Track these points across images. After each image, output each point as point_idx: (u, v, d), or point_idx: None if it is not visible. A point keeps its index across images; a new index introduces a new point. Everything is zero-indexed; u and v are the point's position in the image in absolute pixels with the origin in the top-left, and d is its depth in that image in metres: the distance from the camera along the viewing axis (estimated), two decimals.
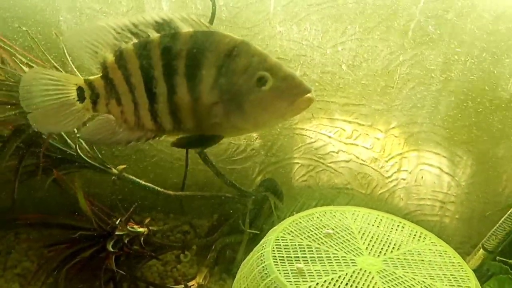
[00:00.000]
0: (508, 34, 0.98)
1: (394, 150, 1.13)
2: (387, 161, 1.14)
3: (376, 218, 0.83)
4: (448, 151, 1.09)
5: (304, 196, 1.18)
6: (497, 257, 0.84)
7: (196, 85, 0.56)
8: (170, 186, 1.04)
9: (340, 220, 0.82)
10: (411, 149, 1.12)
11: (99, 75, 0.59)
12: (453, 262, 0.74)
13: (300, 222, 0.81)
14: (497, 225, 0.85)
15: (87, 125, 0.62)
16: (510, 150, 1.04)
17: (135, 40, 0.57)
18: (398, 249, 0.77)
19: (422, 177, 1.12)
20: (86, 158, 0.78)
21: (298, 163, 1.19)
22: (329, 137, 1.15)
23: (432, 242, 0.78)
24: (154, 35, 0.56)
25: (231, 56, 0.56)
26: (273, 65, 0.57)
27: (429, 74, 1.01)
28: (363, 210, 0.84)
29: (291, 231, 0.78)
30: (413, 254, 0.76)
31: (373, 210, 0.84)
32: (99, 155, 0.82)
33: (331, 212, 0.84)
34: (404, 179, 1.15)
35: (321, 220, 0.82)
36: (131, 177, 0.85)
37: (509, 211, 0.85)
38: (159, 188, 0.89)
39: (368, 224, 0.81)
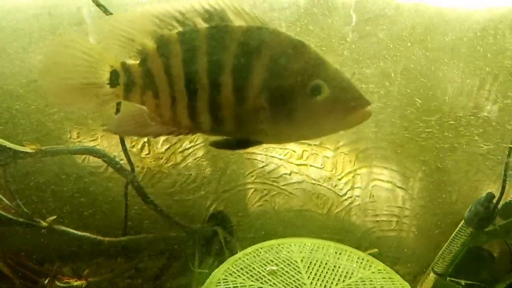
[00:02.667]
0: None
1: (345, 168, 1.11)
2: (340, 179, 1.12)
3: (323, 247, 0.80)
4: (399, 165, 1.08)
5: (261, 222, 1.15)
6: (448, 278, 0.83)
7: (243, 86, 0.50)
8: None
9: (286, 253, 0.79)
10: (362, 165, 1.10)
11: (138, 62, 0.52)
12: None
13: (244, 261, 0.77)
14: (443, 248, 0.83)
15: (116, 116, 0.55)
16: (458, 162, 1.04)
17: (180, 29, 0.50)
18: (350, 277, 0.75)
19: (376, 193, 1.11)
20: (7, 215, 0.73)
21: (251, 188, 1.16)
22: (280, 159, 1.13)
23: (378, 270, 0.76)
24: (203, 25, 0.50)
25: (286, 58, 0.50)
26: (330, 72, 0.51)
27: (369, 90, 1.01)
28: (310, 241, 0.82)
29: (233, 271, 0.75)
30: (365, 282, 0.74)
31: (319, 240, 0.82)
32: (25, 209, 0.76)
33: (277, 246, 0.81)
34: (358, 196, 1.13)
35: (266, 256, 0.79)
36: (64, 228, 0.80)
37: (452, 235, 0.84)
38: (97, 237, 0.84)
39: (315, 255, 0.79)
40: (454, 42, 0.94)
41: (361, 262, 0.77)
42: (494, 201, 0.83)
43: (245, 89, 0.50)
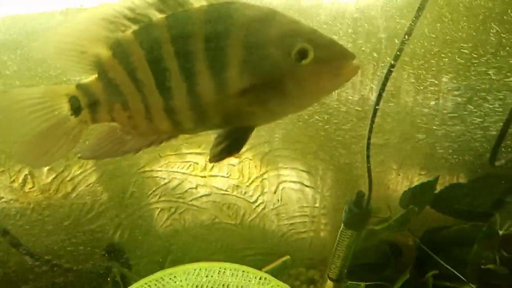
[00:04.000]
0: None
1: (252, 173, 1.06)
2: (248, 186, 1.07)
3: (219, 270, 0.74)
4: (305, 165, 1.05)
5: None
6: (348, 282, 0.81)
7: (221, 70, 0.44)
8: None
9: (183, 280, 0.72)
10: (269, 169, 1.06)
11: (95, 76, 0.46)
12: None
13: None
14: (332, 253, 0.81)
15: (87, 143, 0.48)
16: (360, 154, 1.03)
17: (134, 27, 0.44)
18: None
19: (286, 196, 1.07)
20: None
21: (157, 208, 1.07)
22: (183, 173, 1.05)
23: (277, 285, 0.71)
24: (159, 16, 0.44)
25: (260, 29, 0.44)
26: (309, 33, 0.46)
27: None
28: (204, 265, 0.75)
29: None
30: None
31: (214, 263, 0.76)
32: None
33: (170, 275, 0.74)
34: (270, 201, 1.09)
35: (163, 285, 0.71)
36: None
37: (337, 238, 0.82)
38: None
39: (210, 279, 0.72)
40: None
41: (259, 280, 0.72)
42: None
43: (224, 73, 0.44)
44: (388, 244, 0.89)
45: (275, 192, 1.08)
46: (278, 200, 1.08)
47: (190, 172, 1.05)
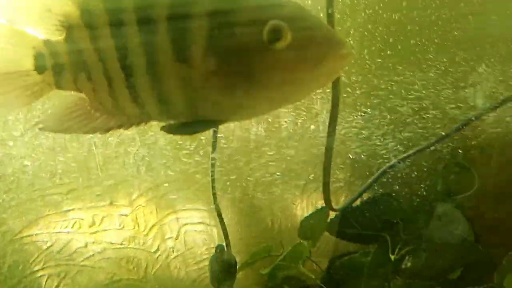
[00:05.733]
0: None
1: (149, 221, 0.96)
2: (146, 235, 0.97)
3: None
4: (205, 203, 0.97)
5: None
6: None
7: (184, 47, 0.37)
8: None
9: None
10: (167, 213, 0.97)
11: (63, 37, 0.40)
12: None
13: None
14: None
15: (49, 112, 0.43)
16: (262, 185, 0.97)
17: None
18: None
19: (190, 239, 0.99)
20: None
21: (44, 275, 0.94)
22: (68, 233, 0.93)
23: None
24: None
25: (230, 2, 0.37)
26: (290, 10, 0.37)
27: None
28: None
29: None
30: None
31: None
32: None
33: None
34: (173, 248, 0.99)
35: None
36: None
37: None
38: None
39: None
40: None
41: None
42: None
43: (187, 49, 0.37)
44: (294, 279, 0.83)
45: (177, 238, 0.98)
46: (182, 245, 0.99)
47: (76, 230, 0.93)
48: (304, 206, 1.01)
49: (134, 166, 0.91)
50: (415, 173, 0.84)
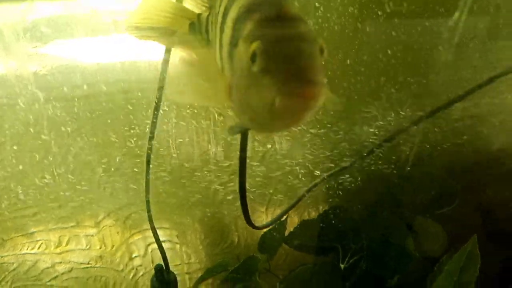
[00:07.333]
0: None
1: (115, 240, 0.98)
2: (114, 254, 0.99)
3: None
4: (171, 222, 1.00)
5: None
6: None
7: (220, 47, 0.42)
8: None
9: None
10: (133, 233, 0.98)
11: (207, 14, 0.48)
12: None
13: None
14: None
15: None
16: (226, 203, 0.99)
17: None
18: None
19: (158, 257, 1.00)
20: None
21: None
22: (34, 254, 0.94)
23: None
24: None
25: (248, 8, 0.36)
26: (262, 28, 0.33)
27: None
28: None
29: None
30: None
31: None
32: None
33: None
34: (141, 266, 1.01)
35: None
36: None
37: None
38: None
39: None
40: None
41: None
42: None
43: (220, 49, 0.41)
44: None
45: (144, 256, 1.00)
46: (149, 263, 1.01)
47: (42, 251, 0.94)
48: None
49: (100, 188, 0.92)
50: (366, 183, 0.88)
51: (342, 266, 0.76)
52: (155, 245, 1.00)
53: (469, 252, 0.67)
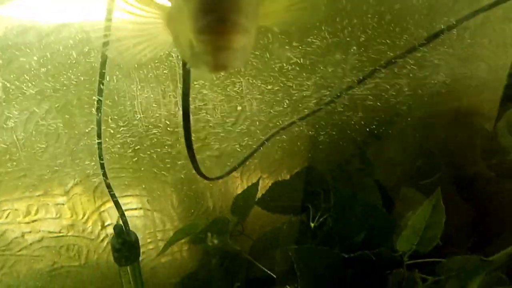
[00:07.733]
0: None
1: (87, 209, 0.96)
2: (85, 223, 0.97)
3: None
4: (143, 189, 0.98)
5: None
6: None
7: None
8: None
9: None
10: (105, 200, 0.97)
11: None
12: None
13: None
14: None
15: None
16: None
17: None
18: None
19: (132, 224, 0.99)
20: None
21: None
22: (2, 224, 0.92)
23: None
24: None
25: None
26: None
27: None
28: None
29: None
30: None
31: None
32: None
33: None
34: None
35: None
36: None
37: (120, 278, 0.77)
38: None
39: None
40: None
41: None
42: None
43: None
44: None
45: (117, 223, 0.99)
46: None
47: (10, 221, 0.92)
48: (245, 186, 1.03)
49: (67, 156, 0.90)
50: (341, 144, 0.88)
51: (312, 225, 0.77)
52: (127, 213, 0.99)
53: (434, 206, 0.67)
